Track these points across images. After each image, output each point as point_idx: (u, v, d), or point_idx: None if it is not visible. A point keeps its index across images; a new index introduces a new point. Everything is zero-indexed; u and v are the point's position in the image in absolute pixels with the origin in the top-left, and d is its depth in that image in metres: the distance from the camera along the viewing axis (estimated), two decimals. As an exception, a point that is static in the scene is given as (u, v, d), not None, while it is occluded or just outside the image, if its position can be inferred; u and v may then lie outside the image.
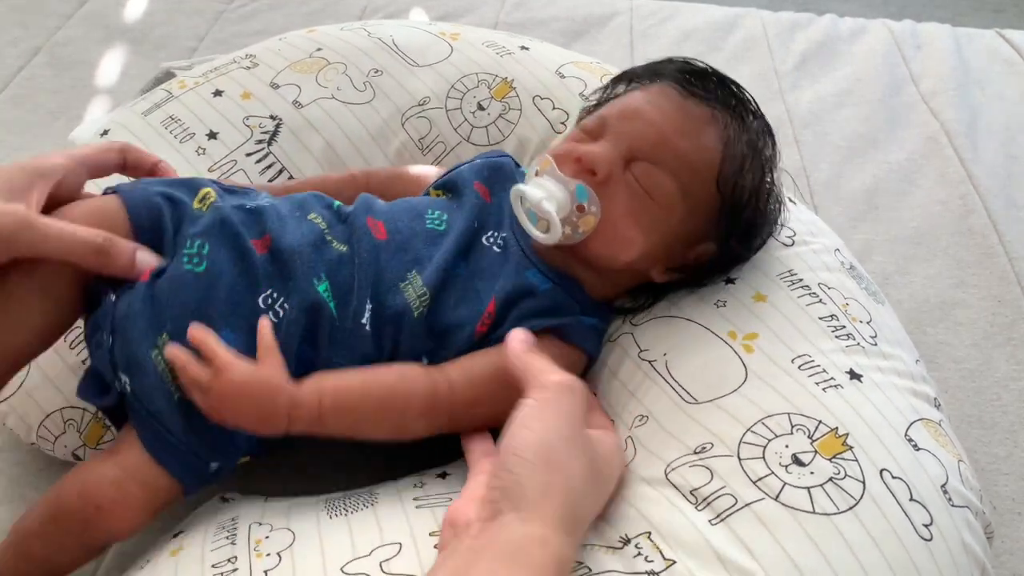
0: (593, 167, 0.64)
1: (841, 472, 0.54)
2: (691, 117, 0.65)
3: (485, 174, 0.72)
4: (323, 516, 0.57)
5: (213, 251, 0.61)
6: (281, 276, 0.61)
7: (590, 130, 0.67)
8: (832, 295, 0.67)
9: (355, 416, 0.59)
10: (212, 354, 0.56)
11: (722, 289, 0.67)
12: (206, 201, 0.64)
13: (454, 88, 0.86)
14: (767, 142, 0.68)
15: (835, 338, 0.63)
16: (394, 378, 0.61)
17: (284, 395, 0.57)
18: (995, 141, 1.15)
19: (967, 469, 0.60)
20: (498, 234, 0.68)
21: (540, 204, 0.62)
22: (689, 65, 0.70)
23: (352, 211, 0.67)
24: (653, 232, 0.65)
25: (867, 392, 0.60)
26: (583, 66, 0.88)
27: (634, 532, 0.54)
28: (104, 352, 0.59)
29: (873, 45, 1.34)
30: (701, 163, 0.64)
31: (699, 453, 0.57)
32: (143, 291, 0.59)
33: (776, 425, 0.57)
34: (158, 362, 0.58)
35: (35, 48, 1.25)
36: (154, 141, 0.81)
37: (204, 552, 0.55)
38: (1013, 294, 0.95)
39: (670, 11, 1.42)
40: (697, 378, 0.62)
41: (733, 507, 0.53)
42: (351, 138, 0.83)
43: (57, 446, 0.69)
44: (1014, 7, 2.43)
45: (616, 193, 0.64)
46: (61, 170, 0.60)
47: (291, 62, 0.87)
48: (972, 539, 0.56)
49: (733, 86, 0.69)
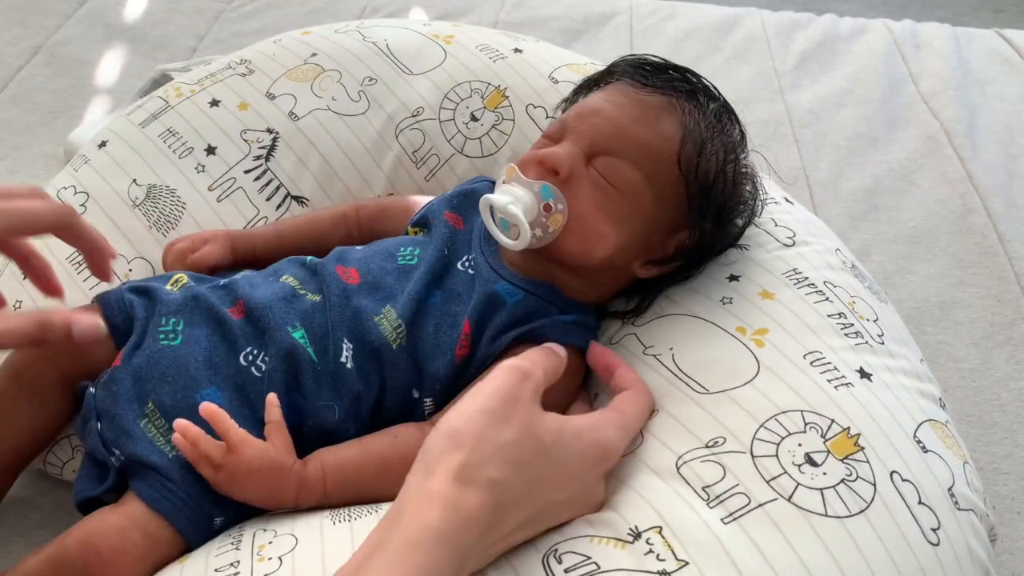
0: (555, 166, 0.64)
1: (853, 474, 0.54)
2: (647, 106, 0.66)
3: (455, 203, 0.73)
4: (327, 522, 0.57)
5: (188, 327, 0.63)
6: (257, 332, 0.63)
7: (551, 135, 0.68)
8: (838, 293, 0.67)
9: (358, 487, 0.60)
10: (225, 431, 0.57)
11: (727, 287, 0.67)
12: (178, 283, 0.67)
13: (447, 98, 0.85)
14: (729, 122, 0.69)
15: (844, 336, 0.63)
16: (387, 443, 0.61)
17: (292, 477, 0.58)
18: (995, 141, 1.15)
19: (972, 471, 0.60)
20: (469, 257, 0.69)
21: (507, 208, 0.63)
22: (642, 59, 0.71)
23: (322, 263, 0.69)
24: (624, 224, 0.65)
25: (877, 392, 0.60)
26: (577, 68, 0.87)
27: (645, 525, 0.53)
28: (95, 436, 0.61)
29: (873, 45, 1.34)
30: (661, 148, 0.65)
31: (711, 447, 0.56)
32: (120, 372, 0.62)
33: (789, 422, 0.57)
34: (147, 429, 0.60)
35: (35, 47, 1.25)
36: (153, 155, 0.81)
37: (208, 557, 0.55)
38: (1013, 293, 0.95)
39: (670, 11, 1.42)
40: (707, 369, 0.61)
41: (747, 507, 0.53)
42: (346, 152, 0.83)
43: (65, 471, 0.70)
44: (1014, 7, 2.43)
45: (581, 189, 0.64)
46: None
47: (287, 69, 0.87)
48: (977, 543, 0.56)
49: (690, 74, 0.70)
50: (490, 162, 0.84)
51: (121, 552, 0.56)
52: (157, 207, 0.78)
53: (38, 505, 0.70)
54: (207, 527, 0.59)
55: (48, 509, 0.70)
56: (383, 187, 0.84)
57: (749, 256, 0.70)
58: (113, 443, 0.60)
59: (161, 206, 0.79)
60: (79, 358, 0.65)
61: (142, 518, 0.57)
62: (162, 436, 0.60)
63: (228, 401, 0.61)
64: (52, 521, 0.68)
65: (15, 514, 0.69)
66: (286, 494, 0.58)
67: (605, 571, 0.51)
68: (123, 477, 0.60)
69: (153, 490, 0.58)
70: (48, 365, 0.65)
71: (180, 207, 0.79)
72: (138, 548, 0.57)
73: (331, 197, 0.83)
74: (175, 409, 0.60)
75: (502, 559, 0.52)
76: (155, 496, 0.58)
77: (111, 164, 0.81)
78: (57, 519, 0.68)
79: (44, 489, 0.71)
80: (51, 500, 0.70)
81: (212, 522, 0.59)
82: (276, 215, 0.81)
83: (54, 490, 0.71)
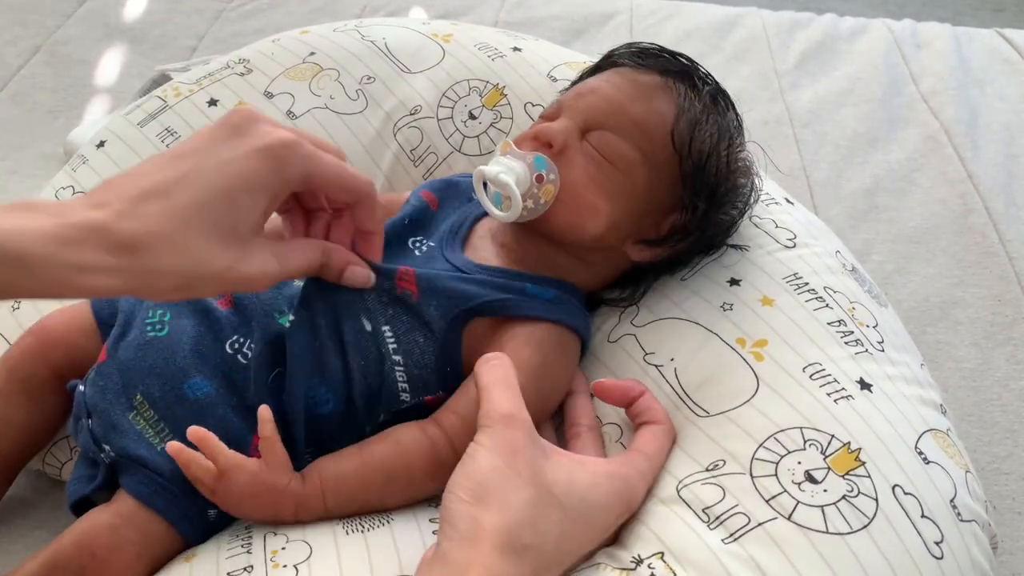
0: (549, 139, 0.65)
1: (854, 489, 0.54)
2: (644, 85, 0.67)
3: (437, 186, 0.74)
4: (339, 531, 0.56)
5: (174, 318, 0.63)
6: (243, 321, 0.63)
7: (548, 115, 0.69)
8: (838, 299, 0.66)
9: (361, 501, 0.58)
10: (214, 457, 0.56)
11: (727, 291, 0.67)
12: None
13: (445, 96, 0.85)
14: (724, 105, 0.69)
15: (844, 344, 0.63)
16: (389, 452, 0.59)
17: (289, 497, 0.57)
18: (995, 140, 1.15)
19: (974, 480, 0.60)
20: (426, 241, 0.68)
21: (498, 177, 0.63)
22: (640, 45, 0.72)
23: None
24: (617, 199, 0.65)
25: (878, 403, 0.59)
26: (576, 67, 0.87)
27: (647, 553, 0.53)
28: (86, 434, 0.60)
29: (873, 44, 1.34)
30: (656, 125, 0.65)
31: (711, 471, 0.56)
32: (107, 366, 0.61)
33: (788, 440, 0.56)
34: (136, 422, 0.59)
35: (35, 47, 1.25)
36: (150, 155, 0.80)
37: (219, 559, 0.55)
38: (1013, 293, 0.95)
39: (670, 10, 1.42)
40: (708, 388, 0.61)
41: (746, 526, 0.52)
42: (344, 150, 0.83)
43: (64, 471, 0.69)
44: (1014, 6, 2.43)
45: (574, 161, 0.65)
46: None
47: (285, 68, 0.87)
48: (980, 554, 0.55)
49: (685, 59, 0.71)
50: (488, 160, 0.83)
51: (116, 551, 0.56)
52: (156, 207, 0.78)
53: (37, 505, 0.70)
54: (201, 520, 0.58)
55: (47, 509, 0.70)
56: (381, 185, 0.83)
57: (749, 258, 0.70)
58: (103, 438, 0.59)
59: (160, 206, 0.78)
60: (71, 353, 0.65)
61: (135, 515, 0.57)
62: (151, 429, 0.59)
63: (215, 389, 0.60)
64: (52, 521, 0.68)
65: (15, 514, 0.69)
66: (284, 514, 0.57)
67: None
68: (113, 474, 0.59)
69: (143, 485, 0.57)
70: (41, 361, 0.65)
71: (179, 206, 0.79)
72: (133, 546, 0.56)
73: (329, 197, 0.82)
74: (164, 401, 0.59)
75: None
76: (146, 491, 0.57)
77: (110, 164, 0.81)
78: (56, 519, 0.68)
79: (43, 489, 0.71)
80: (50, 500, 0.70)
81: (206, 514, 0.58)
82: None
83: (53, 490, 0.71)
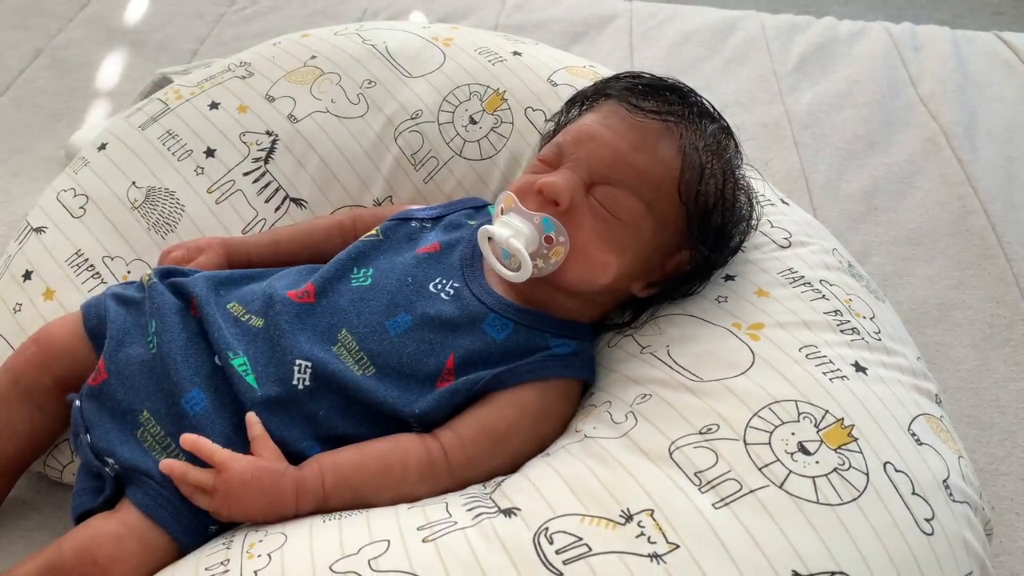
0: (555, 198, 0.64)
1: (846, 463, 0.55)
2: (644, 132, 0.65)
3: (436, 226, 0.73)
4: (317, 520, 0.57)
5: (160, 327, 0.64)
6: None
7: (548, 159, 0.67)
8: (835, 291, 0.67)
9: (356, 488, 0.60)
10: (210, 455, 0.57)
11: (722, 286, 0.67)
12: (145, 282, 0.68)
13: (446, 101, 0.86)
14: (727, 143, 0.68)
15: (840, 332, 0.64)
16: (387, 447, 0.61)
17: (289, 478, 0.58)
18: (994, 143, 1.15)
19: (967, 465, 0.61)
20: (447, 281, 0.67)
21: (508, 242, 0.62)
22: (637, 79, 0.70)
23: (273, 287, 0.68)
24: (626, 251, 0.65)
25: (872, 385, 0.60)
26: (576, 71, 0.88)
27: (636, 507, 0.54)
28: (85, 449, 0.61)
29: (872, 47, 1.34)
30: (661, 176, 0.65)
31: (704, 434, 0.57)
32: (110, 384, 0.63)
33: (783, 411, 0.57)
34: (143, 438, 0.60)
35: (36, 50, 1.26)
36: (152, 158, 0.81)
37: (200, 558, 0.56)
38: (1012, 295, 0.95)
39: (669, 13, 1.42)
40: (702, 361, 0.62)
41: (738, 492, 0.53)
42: (345, 154, 0.83)
43: (65, 473, 0.70)
44: (1013, 9, 2.43)
45: (582, 219, 0.64)
46: None
47: (286, 71, 0.87)
48: (972, 535, 0.56)
49: (685, 94, 0.69)
50: (488, 165, 0.84)
51: (118, 560, 0.56)
52: (156, 209, 0.79)
53: (38, 507, 0.71)
54: (202, 534, 0.59)
55: (48, 511, 0.70)
56: (382, 189, 0.84)
57: (745, 257, 0.70)
58: (107, 452, 0.60)
59: (160, 208, 0.79)
60: (73, 364, 0.65)
61: (138, 526, 0.58)
62: (158, 444, 0.60)
63: (210, 402, 0.61)
64: (52, 522, 0.69)
65: (16, 515, 0.70)
66: (285, 497, 0.58)
67: (597, 553, 0.51)
68: (119, 486, 0.60)
69: (149, 497, 0.58)
70: (44, 371, 0.65)
71: (179, 209, 0.79)
72: (135, 556, 0.57)
73: (330, 199, 0.83)
74: (168, 416, 0.61)
75: (490, 533, 0.52)
76: (151, 503, 0.58)
77: (110, 166, 0.81)
78: (57, 520, 0.68)
79: (45, 491, 0.72)
80: (51, 502, 0.71)
81: (207, 529, 0.59)
82: (275, 217, 0.81)
83: (54, 492, 0.71)
